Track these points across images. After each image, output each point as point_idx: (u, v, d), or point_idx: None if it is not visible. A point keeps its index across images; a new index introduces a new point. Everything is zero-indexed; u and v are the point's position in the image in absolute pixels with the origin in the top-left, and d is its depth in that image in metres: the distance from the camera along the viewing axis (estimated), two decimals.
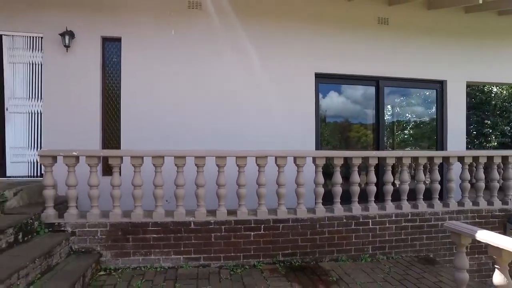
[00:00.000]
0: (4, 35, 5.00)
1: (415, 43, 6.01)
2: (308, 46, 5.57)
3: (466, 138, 6.38)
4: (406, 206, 4.59)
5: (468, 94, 10.96)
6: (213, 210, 4.17)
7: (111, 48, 5.28)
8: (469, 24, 6.24)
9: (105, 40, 5.24)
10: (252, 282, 3.64)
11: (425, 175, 4.90)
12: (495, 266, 2.59)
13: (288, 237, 4.19)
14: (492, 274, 2.65)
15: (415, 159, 4.69)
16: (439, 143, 6.20)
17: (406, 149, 6.45)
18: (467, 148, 7.66)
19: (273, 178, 4.21)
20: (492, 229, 4.37)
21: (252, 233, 4.13)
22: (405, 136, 6.66)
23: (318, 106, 5.65)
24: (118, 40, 5.20)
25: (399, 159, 4.58)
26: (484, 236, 2.71)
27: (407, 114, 6.43)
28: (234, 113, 5.33)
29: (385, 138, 6.02)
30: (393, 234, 4.51)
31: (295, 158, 4.26)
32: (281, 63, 5.49)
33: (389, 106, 6.23)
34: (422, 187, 4.70)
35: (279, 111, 5.44)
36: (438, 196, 4.77)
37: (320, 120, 5.77)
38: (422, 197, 4.71)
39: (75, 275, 3.33)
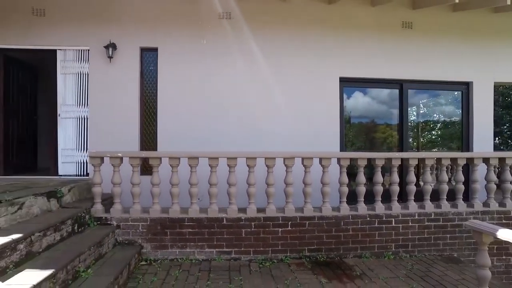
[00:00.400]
0: (58, 49, 5.59)
1: (440, 45, 6.07)
2: (332, 52, 5.80)
3: (498, 139, 6.36)
4: (429, 206, 4.72)
5: (500, 94, 10.74)
6: (244, 208, 4.50)
7: (148, 57, 5.75)
8: (496, 24, 6.23)
9: (143, 50, 5.71)
10: (280, 274, 3.93)
11: (450, 176, 4.99)
12: None
13: (314, 233, 4.45)
14: None
15: (438, 160, 4.81)
16: (465, 144, 6.23)
17: (433, 150, 6.51)
18: (499, 149, 7.58)
19: (299, 177, 4.48)
20: None
21: (280, 229, 4.42)
22: (431, 137, 6.72)
23: (343, 109, 5.86)
24: (155, 50, 5.66)
25: (422, 160, 4.72)
26: (506, 234, 2.82)
27: (432, 116, 6.49)
28: (261, 117, 5.64)
29: (410, 139, 6.13)
30: (416, 233, 4.66)
31: (320, 159, 4.51)
32: (307, 69, 5.75)
33: (414, 108, 6.33)
34: (445, 187, 4.80)
35: (305, 114, 5.70)
36: (462, 197, 4.86)
37: (345, 121, 5.97)
38: (445, 197, 4.81)
39: (122, 263, 3.75)
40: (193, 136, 5.52)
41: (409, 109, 6.15)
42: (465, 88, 6.24)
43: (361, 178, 4.54)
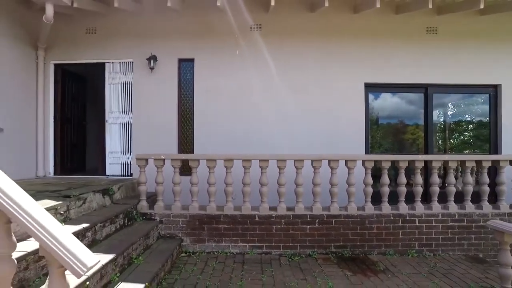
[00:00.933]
0: (106, 62, 6.24)
1: (466, 49, 6.14)
2: (357, 59, 6.06)
3: None
4: (453, 207, 4.89)
5: None
6: (274, 206, 4.88)
7: (185, 67, 6.27)
8: None
9: (181, 61, 6.24)
10: (308, 267, 4.28)
11: (475, 178, 5.12)
12: None
13: (340, 231, 4.76)
14: None
15: (462, 162, 4.96)
16: (493, 146, 6.27)
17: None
18: None
19: (326, 178, 4.80)
20: None
21: (308, 226, 4.77)
22: (459, 140, 6.78)
23: (368, 113, 6.11)
24: (192, 60, 6.18)
25: (445, 162, 4.90)
26: None
27: (459, 118, 6.57)
28: (289, 121, 6.00)
29: (435, 142, 6.26)
30: (440, 232, 4.84)
31: (346, 161, 4.81)
32: (333, 75, 6.05)
33: (440, 110, 6.45)
34: (469, 189, 4.94)
35: (331, 119, 6.00)
36: (487, 199, 4.98)
37: (371, 124, 6.21)
38: (470, 198, 4.95)
39: (166, 253, 4.25)
40: (227, 139, 5.98)
41: (436, 111, 6.28)
42: (493, 91, 6.28)
43: (385, 179, 4.80)
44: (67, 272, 1.85)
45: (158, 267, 3.74)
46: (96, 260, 1.92)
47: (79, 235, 3.21)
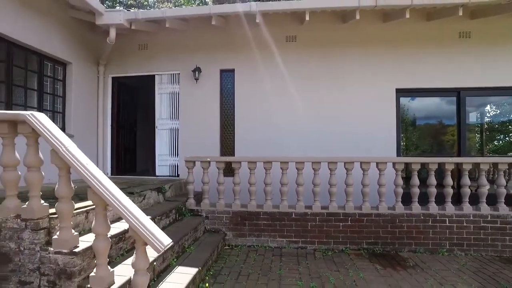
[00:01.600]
0: (156, 74, 6.98)
1: (501, 52, 6.18)
2: (389, 66, 6.32)
3: None
4: (485, 208, 5.03)
5: None
6: (309, 205, 5.29)
7: (226, 77, 6.85)
8: None
9: (222, 72, 6.83)
10: (341, 261, 4.65)
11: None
12: None
13: (371, 228, 5.08)
14: None
15: (495, 165, 5.09)
16: None
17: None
18: None
19: (358, 179, 5.15)
20: None
21: (341, 224, 5.13)
22: (495, 142, 6.80)
23: (399, 117, 6.34)
24: (232, 71, 6.75)
25: (477, 164, 5.06)
26: None
27: (496, 120, 6.60)
28: (324, 125, 6.38)
29: (467, 144, 6.35)
30: (471, 233, 5.00)
31: (377, 163, 5.13)
32: (366, 82, 6.35)
33: (476, 113, 6.53)
34: (503, 191, 5.05)
35: (364, 123, 6.30)
36: None
37: (405, 127, 6.43)
38: (503, 200, 5.06)
39: (213, 245, 4.80)
40: (265, 143, 6.47)
41: (473, 113, 6.37)
42: None
43: (415, 180, 5.05)
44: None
45: (207, 256, 4.29)
46: (170, 241, 2.49)
47: None
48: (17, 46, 5.18)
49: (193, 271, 3.68)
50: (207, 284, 3.76)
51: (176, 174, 7.01)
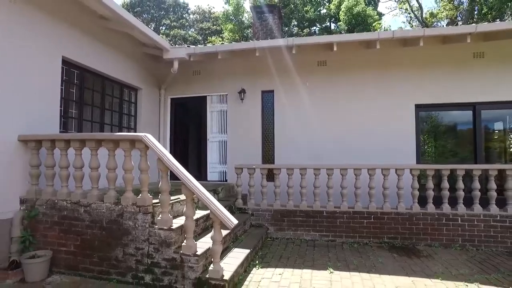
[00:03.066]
0: (208, 95, 8.38)
1: (511, 70, 6.86)
2: (408, 84, 7.21)
3: None
4: (494, 209, 5.77)
5: None
6: (338, 205, 6.30)
7: (267, 97, 8.07)
8: None
9: (263, 92, 8.07)
10: (364, 251, 5.63)
11: None
12: None
13: (391, 225, 6.00)
14: None
15: (503, 171, 5.83)
16: None
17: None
18: None
19: (380, 183, 6.10)
20: None
21: (365, 221, 6.10)
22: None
23: (418, 129, 7.19)
24: (271, 91, 7.97)
25: (485, 170, 5.84)
26: None
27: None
28: (350, 137, 7.37)
29: (483, 152, 7.04)
30: (482, 230, 5.76)
31: (396, 170, 6.06)
32: (388, 99, 7.28)
33: (495, 124, 7.24)
34: (510, 194, 5.78)
35: (386, 134, 7.21)
36: None
37: (424, 135, 7.25)
38: (511, 202, 5.78)
39: (258, 236, 5.96)
40: (301, 152, 7.56)
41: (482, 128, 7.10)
42: None
43: (430, 184, 5.92)
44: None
45: (255, 242, 5.46)
46: (237, 221, 3.69)
47: (199, 220, 5.10)
48: (107, 78, 6.75)
49: (246, 251, 4.88)
50: (257, 261, 4.93)
51: (224, 179, 8.29)
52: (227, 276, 3.84)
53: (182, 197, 4.71)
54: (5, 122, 4.41)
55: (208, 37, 25.44)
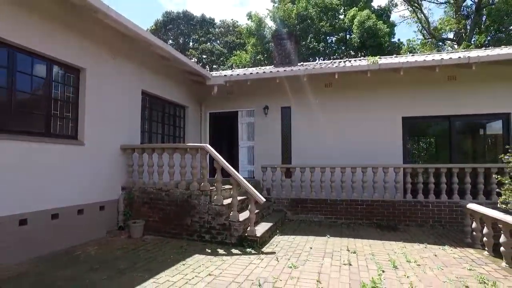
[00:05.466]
0: (239, 110, 10.68)
1: (481, 89, 8.65)
2: (396, 101, 9.17)
3: None
4: (456, 198, 7.66)
5: None
6: (339, 195, 8.37)
7: (285, 112, 10.24)
8: None
9: (282, 108, 10.24)
10: (358, 228, 7.67)
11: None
12: None
13: (379, 210, 8.00)
14: None
15: (474, 169, 7.72)
16: None
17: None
18: None
19: (371, 177, 8.13)
20: None
21: (359, 207, 8.14)
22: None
23: (405, 136, 9.13)
24: (289, 107, 10.14)
25: (449, 168, 7.76)
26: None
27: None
28: (350, 144, 9.40)
29: (456, 154, 8.89)
30: (447, 214, 7.66)
31: (383, 168, 8.06)
32: (379, 113, 9.26)
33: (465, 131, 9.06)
34: (468, 186, 7.64)
35: (377, 141, 9.19)
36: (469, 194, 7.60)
37: (410, 142, 9.16)
38: (468, 193, 7.64)
39: (278, 216, 8.12)
40: (312, 154, 9.65)
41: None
42: (506, 117, 8.63)
43: (408, 179, 7.90)
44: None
45: (276, 220, 7.64)
46: (264, 199, 5.91)
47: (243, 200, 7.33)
48: (166, 101, 9.17)
49: (270, 224, 7.07)
50: (277, 232, 7.11)
51: (252, 176, 10.51)
52: (258, 235, 6.04)
53: (227, 186, 6.98)
54: (113, 137, 6.85)
55: (233, 51, 27.92)
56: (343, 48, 24.26)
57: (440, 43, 23.64)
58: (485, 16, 21.14)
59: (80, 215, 5.99)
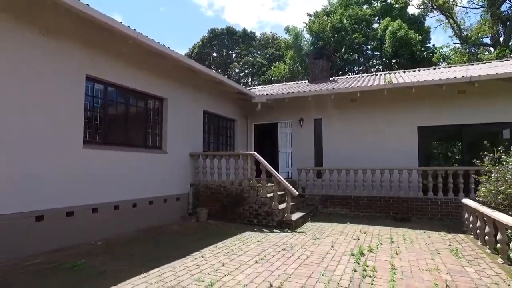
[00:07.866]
0: (278, 122, 12.80)
1: (486, 102, 9.94)
2: (413, 112, 10.71)
3: None
4: (461, 195, 9.09)
5: None
6: (361, 192, 10.12)
7: (317, 122, 12.16)
8: None
9: (315, 120, 12.17)
10: (375, 219, 9.40)
11: None
12: None
13: (395, 205, 9.65)
14: None
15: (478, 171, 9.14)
16: None
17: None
18: None
19: (388, 178, 9.81)
20: None
21: (378, 202, 9.84)
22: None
23: (421, 143, 10.64)
24: (320, 119, 12.05)
25: (456, 170, 9.22)
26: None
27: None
28: (373, 149, 11.08)
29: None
30: (453, 209, 9.12)
31: (398, 170, 9.70)
32: (398, 123, 10.87)
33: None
34: (461, 185, 9.05)
35: (396, 147, 10.79)
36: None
37: (424, 148, 10.67)
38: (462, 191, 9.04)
39: (310, 209, 10.07)
40: (340, 158, 11.46)
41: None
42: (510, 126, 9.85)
43: (420, 179, 9.47)
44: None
45: (308, 211, 9.61)
46: (297, 193, 7.97)
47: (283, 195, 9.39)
48: (220, 116, 11.54)
49: (303, 213, 9.07)
50: (309, 220, 9.09)
51: (290, 177, 12.51)
52: (293, 219, 8.08)
53: (270, 184, 9.12)
54: (184, 147, 9.30)
55: (272, 62, 30.17)
56: (377, 55, 25.46)
57: (473, 49, 23.96)
58: None
59: (165, 203, 8.44)
